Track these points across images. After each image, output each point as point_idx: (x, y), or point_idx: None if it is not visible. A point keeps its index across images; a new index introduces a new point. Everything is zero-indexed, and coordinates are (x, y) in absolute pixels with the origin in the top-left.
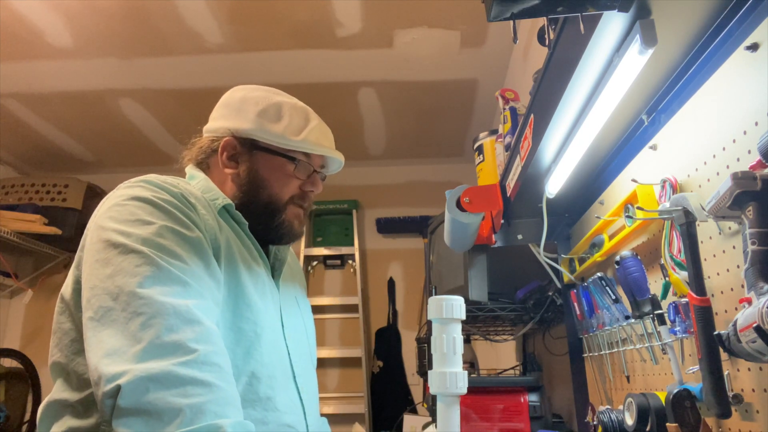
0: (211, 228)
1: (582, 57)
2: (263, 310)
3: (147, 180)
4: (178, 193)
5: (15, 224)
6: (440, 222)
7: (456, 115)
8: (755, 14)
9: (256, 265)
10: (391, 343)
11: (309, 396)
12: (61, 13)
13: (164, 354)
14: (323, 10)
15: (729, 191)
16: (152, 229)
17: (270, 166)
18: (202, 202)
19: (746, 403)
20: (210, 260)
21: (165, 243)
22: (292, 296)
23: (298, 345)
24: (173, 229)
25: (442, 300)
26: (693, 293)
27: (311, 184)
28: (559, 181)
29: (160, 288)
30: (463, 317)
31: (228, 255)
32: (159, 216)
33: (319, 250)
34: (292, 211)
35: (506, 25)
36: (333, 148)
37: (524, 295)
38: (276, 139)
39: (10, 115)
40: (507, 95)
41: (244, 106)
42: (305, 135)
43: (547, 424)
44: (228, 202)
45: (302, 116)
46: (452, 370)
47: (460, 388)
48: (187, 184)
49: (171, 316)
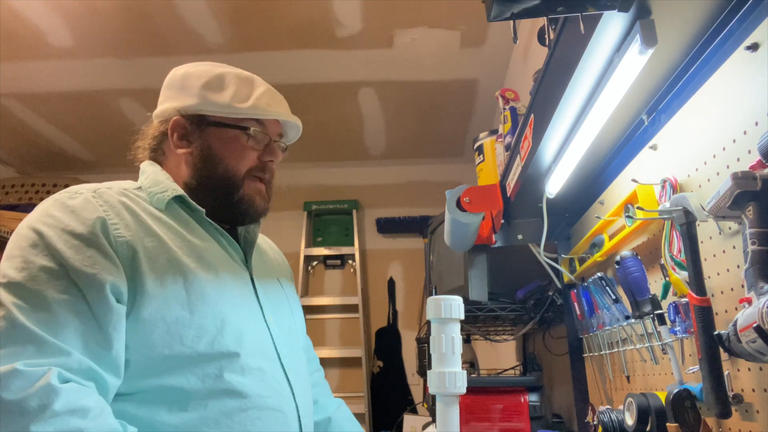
0: (123, 239)
1: (582, 57)
2: (226, 297)
3: (58, 199)
4: (81, 216)
5: (15, 224)
6: (440, 222)
7: (456, 115)
8: (755, 14)
9: (213, 254)
10: (391, 343)
11: (297, 376)
12: (62, 13)
13: (9, 418)
14: (323, 10)
15: (729, 191)
16: (25, 272)
17: (222, 139)
18: (128, 206)
19: (746, 403)
20: (96, 301)
21: (34, 289)
22: (274, 278)
23: (283, 326)
24: (49, 269)
25: (440, 300)
26: (693, 293)
27: (269, 153)
28: (559, 181)
29: (7, 349)
30: (461, 317)
31: (156, 257)
32: (41, 251)
33: (319, 250)
34: (251, 185)
35: (506, 25)
36: (287, 111)
37: (524, 295)
38: (223, 110)
39: (10, 115)
40: (507, 95)
41: (186, 82)
42: (253, 101)
43: (547, 424)
44: (178, 194)
45: (248, 83)
46: (451, 369)
47: (459, 388)
48: (108, 192)
49: (5, 377)
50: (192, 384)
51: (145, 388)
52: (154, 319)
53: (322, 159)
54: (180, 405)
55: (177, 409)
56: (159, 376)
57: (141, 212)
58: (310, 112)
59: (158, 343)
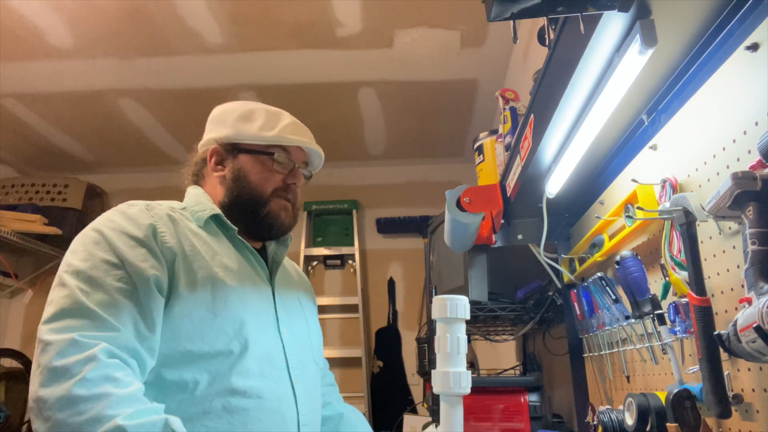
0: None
1: (582, 57)
2: (247, 305)
3: (118, 209)
4: (136, 221)
5: (15, 224)
6: (440, 222)
7: (456, 115)
8: (755, 14)
9: (241, 267)
10: (391, 343)
11: (304, 386)
12: (62, 14)
13: (57, 378)
14: (323, 10)
15: (729, 191)
16: (89, 263)
17: (251, 163)
18: (174, 219)
19: (746, 403)
20: (144, 290)
21: (95, 276)
22: (294, 297)
23: (296, 339)
24: (109, 261)
25: (446, 300)
26: (693, 293)
27: (292, 176)
28: (559, 181)
29: (67, 321)
30: (467, 317)
31: (191, 264)
32: (103, 247)
33: (319, 250)
34: (277, 203)
35: (506, 25)
36: (311, 141)
37: (524, 295)
38: (253, 138)
39: (10, 115)
40: (507, 95)
41: (223, 116)
42: (279, 130)
43: (547, 424)
44: (215, 212)
45: (275, 115)
46: (456, 369)
47: (464, 388)
48: (158, 207)
49: (63, 344)
50: (203, 379)
51: (163, 377)
52: (182, 315)
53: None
54: (189, 398)
55: (186, 400)
56: (177, 368)
57: (183, 227)
58: (310, 112)
59: (183, 337)
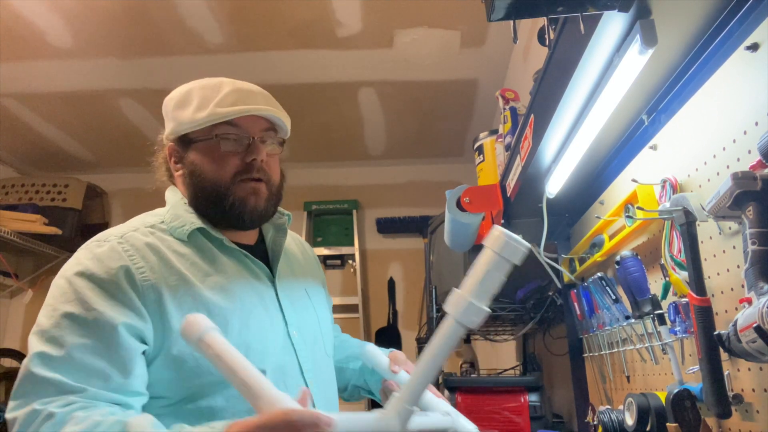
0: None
1: (582, 57)
2: (250, 324)
3: (89, 248)
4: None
5: (15, 224)
6: (440, 222)
7: (456, 115)
8: (755, 14)
9: (236, 282)
10: (391, 343)
11: (319, 388)
12: (61, 13)
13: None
14: (323, 10)
15: (729, 191)
16: (52, 320)
17: (201, 153)
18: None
19: (746, 403)
20: (111, 340)
21: (57, 336)
22: (300, 287)
23: (307, 338)
24: (72, 315)
25: (508, 238)
26: (693, 293)
27: (251, 152)
28: (559, 181)
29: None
30: (518, 264)
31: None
32: (68, 298)
33: (319, 250)
34: (241, 187)
35: (506, 25)
36: (259, 104)
37: (524, 295)
38: (190, 125)
39: (10, 115)
40: (507, 95)
41: (166, 108)
42: (214, 105)
43: (547, 424)
44: (196, 227)
45: (213, 89)
46: (479, 304)
47: (473, 322)
48: (134, 236)
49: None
50: (219, 403)
51: (180, 408)
52: (182, 355)
53: (322, 159)
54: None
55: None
56: (193, 401)
57: (166, 250)
58: (310, 112)
59: (189, 376)
